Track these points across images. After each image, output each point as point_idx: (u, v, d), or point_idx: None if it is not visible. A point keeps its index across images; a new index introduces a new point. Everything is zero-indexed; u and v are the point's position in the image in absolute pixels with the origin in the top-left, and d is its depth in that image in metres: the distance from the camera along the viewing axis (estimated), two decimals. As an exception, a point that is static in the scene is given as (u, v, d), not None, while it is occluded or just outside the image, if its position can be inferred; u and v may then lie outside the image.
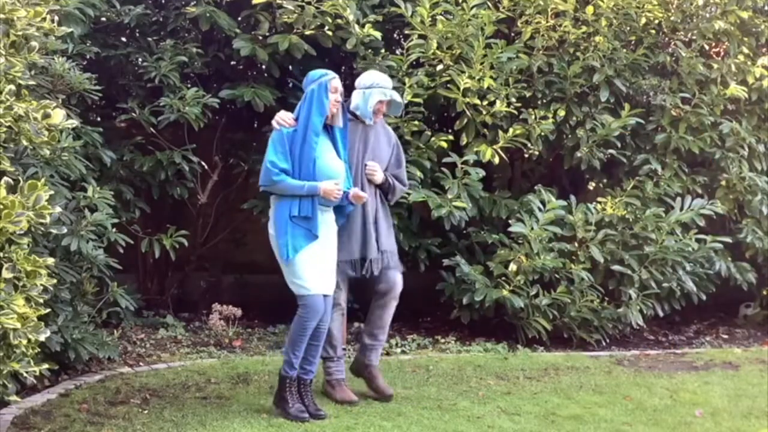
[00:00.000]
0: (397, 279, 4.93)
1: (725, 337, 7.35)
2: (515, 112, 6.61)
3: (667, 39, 7.35)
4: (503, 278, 6.39)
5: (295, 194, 4.40)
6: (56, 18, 4.31)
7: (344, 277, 4.84)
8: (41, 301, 3.74)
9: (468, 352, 6.31)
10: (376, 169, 4.86)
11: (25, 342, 3.62)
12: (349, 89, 5.21)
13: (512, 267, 6.37)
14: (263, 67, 6.68)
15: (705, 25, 7.14)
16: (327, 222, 4.55)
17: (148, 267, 7.05)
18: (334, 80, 4.53)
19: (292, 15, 6.24)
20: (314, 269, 4.44)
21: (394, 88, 6.26)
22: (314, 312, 4.44)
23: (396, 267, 4.94)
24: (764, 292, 7.81)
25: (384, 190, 4.95)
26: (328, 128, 4.59)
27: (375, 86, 4.86)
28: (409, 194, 6.22)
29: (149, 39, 6.47)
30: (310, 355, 4.58)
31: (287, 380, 4.53)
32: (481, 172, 6.53)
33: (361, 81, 4.93)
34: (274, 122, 4.54)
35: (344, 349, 5.20)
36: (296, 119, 4.51)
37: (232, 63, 6.98)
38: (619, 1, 6.79)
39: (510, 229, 6.44)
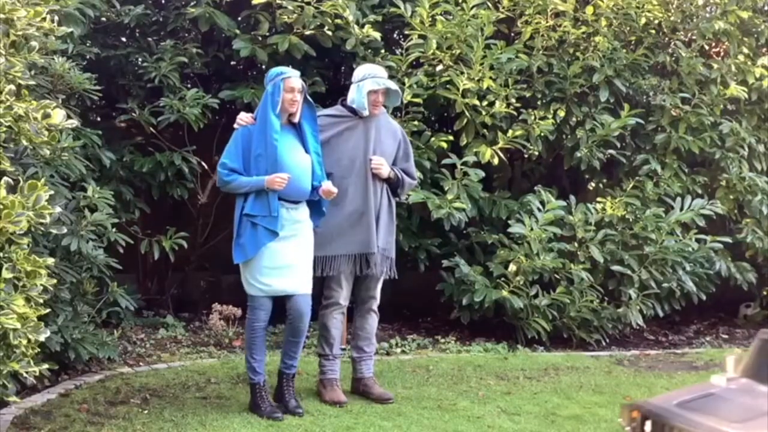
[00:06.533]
0: (377, 288, 4.93)
1: (725, 337, 7.36)
2: (515, 112, 6.61)
3: (667, 39, 7.36)
4: (503, 279, 6.39)
5: (249, 191, 4.47)
6: (56, 18, 4.31)
7: (347, 275, 4.83)
8: (41, 301, 3.73)
9: (468, 352, 6.31)
10: (381, 162, 4.81)
11: (25, 342, 3.61)
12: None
13: (512, 267, 6.38)
14: (263, 67, 6.68)
15: (705, 25, 7.14)
16: (296, 220, 4.55)
17: (148, 267, 7.04)
18: (290, 79, 4.52)
19: (291, 15, 6.25)
20: (274, 270, 4.45)
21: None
22: (263, 313, 4.49)
23: (383, 273, 4.89)
24: (764, 292, 7.83)
25: (392, 184, 4.90)
26: (295, 124, 4.61)
27: (367, 77, 4.83)
28: (408, 195, 6.22)
29: (149, 39, 6.48)
30: (291, 351, 4.61)
31: (256, 387, 4.56)
32: (481, 173, 6.53)
33: (355, 75, 4.94)
34: (235, 123, 4.61)
35: (343, 349, 5.19)
36: (256, 118, 4.56)
37: (232, 63, 6.99)
38: (619, 1, 6.80)
39: (510, 229, 6.44)
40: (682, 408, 3.19)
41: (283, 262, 4.46)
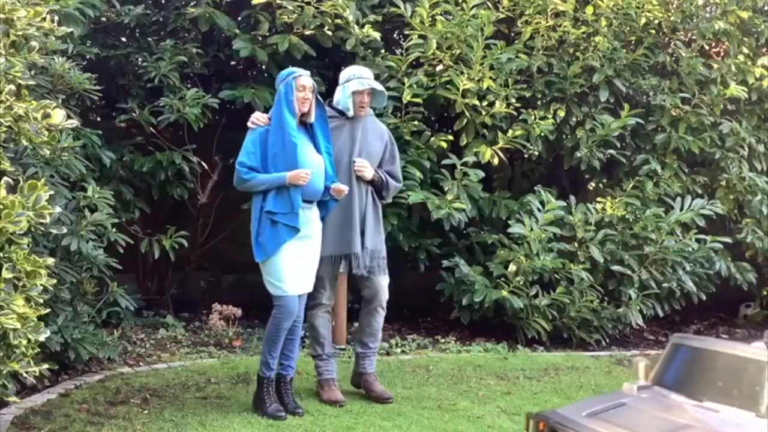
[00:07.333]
0: (382, 285, 4.87)
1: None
2: (515, 112, 6.61)
3: (667, 39, 7.36)
4: (503, 279, 6.39)
5: (269, 188, 4.45)
6: (56, 18, 4.31)
7: (330, 276, 4.82)
8: (41, 301, 3.73)
9: (468, 352, 6.31)
10: (365, 165, 4.80)
11: (25, 342, 3.61)
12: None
13: (512, 267, 6.38)
14: (263, 67, 6.68)
15: (705, 25, 7.14)
16: (310, 219, 4.56)
17: (148, 267, 7.05)
18: (301, 78, 4.54)
19: (291, 15, 6.25)
20: (292, 269, 4.45)
21: (394, 88, 6.31)
22: (289, 313, 4.47)
23: (382, 272, 4.87)
24: (764, 292, 7.83)
25: (376, 186, 4.89)
26: (307, 125, 4.62)
27: (352, 78, 4.83)
28: (408, 195, 6.22)
29: (149, 39, 6.48)
30: (287, 350, 4.61)
31: (264, 381, 4.56)
32: (481, 173, 6.53)
33: (341, 77, 4.94)
34: (249, 122, 4.60)
35: (340, 349, 5.19)
36: (271, 119, 4.56)
37: (232, 63, 6.99)
38: (619, 1, 6.80)
39: (510, 229, 6.44)
40: (591, 419, 3.04)
41: (299, 263, 4.48)
